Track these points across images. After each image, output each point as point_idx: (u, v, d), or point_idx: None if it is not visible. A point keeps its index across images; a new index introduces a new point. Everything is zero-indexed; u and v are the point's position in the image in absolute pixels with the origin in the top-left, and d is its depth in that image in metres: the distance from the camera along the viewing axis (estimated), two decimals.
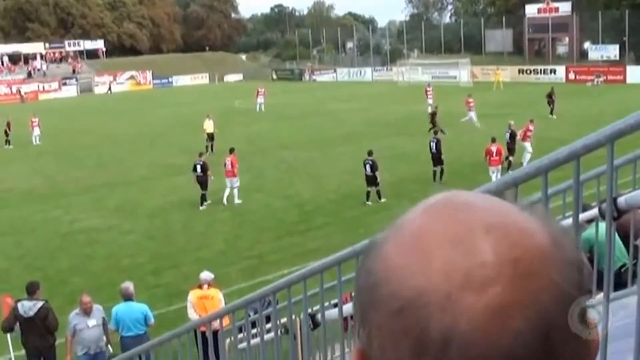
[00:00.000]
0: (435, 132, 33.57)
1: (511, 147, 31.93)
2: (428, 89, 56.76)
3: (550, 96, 49.02)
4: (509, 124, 32.83)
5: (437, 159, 30.78)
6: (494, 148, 29.21)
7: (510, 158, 31.37)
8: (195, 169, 29.29)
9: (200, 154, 30.26)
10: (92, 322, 14.14)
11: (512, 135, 32.29)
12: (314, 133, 46.44)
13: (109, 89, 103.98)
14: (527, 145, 32.29)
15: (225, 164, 29.58)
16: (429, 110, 46.82)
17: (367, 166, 28.31)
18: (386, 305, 0.87)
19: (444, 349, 0.83)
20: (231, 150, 30.43)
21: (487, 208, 0.92)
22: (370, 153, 28.68)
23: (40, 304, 14.14)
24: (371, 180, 28.22)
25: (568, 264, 0.89)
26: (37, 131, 49.38)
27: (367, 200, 28.02)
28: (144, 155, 41.78)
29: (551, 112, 47.39)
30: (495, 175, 27.87)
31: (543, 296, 0.85)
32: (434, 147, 30.84)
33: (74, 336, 14.20)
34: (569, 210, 5.88)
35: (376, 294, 0.89)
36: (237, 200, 29.36)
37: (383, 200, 27.88)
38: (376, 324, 0.88)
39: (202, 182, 29.15)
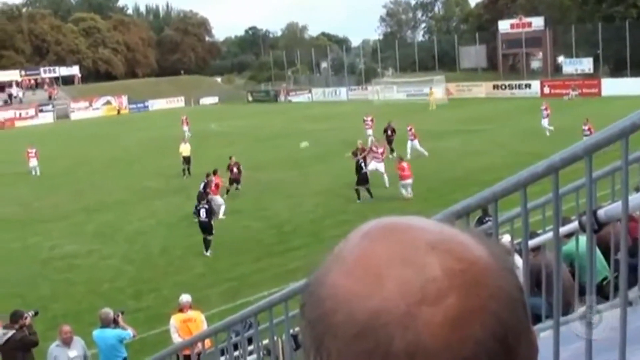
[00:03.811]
0: None
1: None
2: (366, 119, 49.73)
3: (386, 131, 43.94)
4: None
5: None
6: (405, 165, 31.02)
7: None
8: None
9: (207, 175, 30.61)
10: (72, 352, 13.77)
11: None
12: (289, 153, 46.28)
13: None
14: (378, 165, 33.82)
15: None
16: (370, 142, 41.50)
17: (202, 211, 25.79)
18: (344, 331, 0.90)
19: None
20: (214, 172, 30.74)
21: (424, 228, 0.97)
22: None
23: (10, 333, 13.91)
24: (206, 228, 25.71)
25: (506, 270, 0.96)
26: (34, 162, 46.63)
27: (206, 251, 25.51)
28: (121, 179, 41.59)
29: (391, 150, 40.45)
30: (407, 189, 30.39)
31: (494, 302, 0.91)
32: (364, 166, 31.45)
33: None
34: (549, 224, 5.90)
35: (331, 322, 0.92)
36: (220, 216, 29.34)
37: (209, 253, 25.35)
38: (336, 350, 0.91)
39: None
